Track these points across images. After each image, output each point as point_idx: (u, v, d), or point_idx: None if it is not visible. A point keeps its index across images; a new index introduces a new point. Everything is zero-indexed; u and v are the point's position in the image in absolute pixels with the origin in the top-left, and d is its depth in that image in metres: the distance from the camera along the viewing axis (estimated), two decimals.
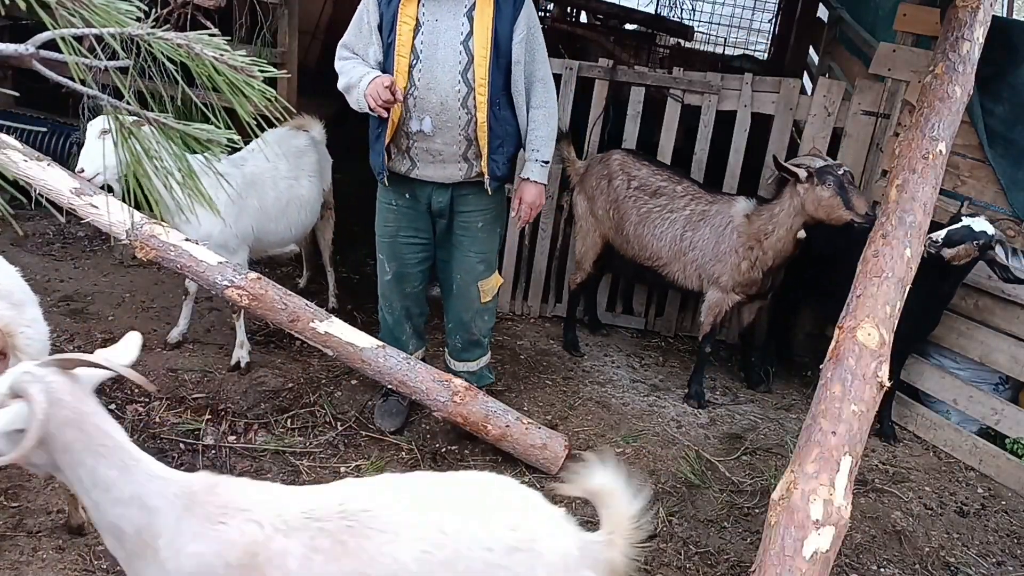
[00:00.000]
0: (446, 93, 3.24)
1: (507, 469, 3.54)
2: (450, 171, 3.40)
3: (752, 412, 4.27)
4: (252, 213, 3.96)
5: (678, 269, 4.19)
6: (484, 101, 3.25)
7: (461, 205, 3.51)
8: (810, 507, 2.27)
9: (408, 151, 3.38)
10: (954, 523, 3.60)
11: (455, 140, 3.33)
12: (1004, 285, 3.82)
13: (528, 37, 3.29)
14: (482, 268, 3.63)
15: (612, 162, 4.34)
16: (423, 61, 3.21)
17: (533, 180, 3.45)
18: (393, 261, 3.63)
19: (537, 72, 3.37)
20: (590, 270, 4.58)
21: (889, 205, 3.17)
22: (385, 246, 3.63)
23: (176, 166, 1.90)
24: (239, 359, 4.03)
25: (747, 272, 4.01)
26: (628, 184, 4.25)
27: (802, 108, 4.47)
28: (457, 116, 3.28)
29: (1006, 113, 3.76)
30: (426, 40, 3.20)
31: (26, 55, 1.65)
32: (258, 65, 1.76)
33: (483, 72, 3.21)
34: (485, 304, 3.71)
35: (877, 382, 2.63)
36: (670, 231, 4.15)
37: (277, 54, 4.78)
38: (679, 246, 4.14)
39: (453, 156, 3.37)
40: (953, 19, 3.58)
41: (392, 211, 3.56)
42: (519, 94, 3.35)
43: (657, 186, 4.20)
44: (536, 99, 3.40)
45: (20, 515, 2.98)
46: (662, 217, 4.17)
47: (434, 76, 3.22)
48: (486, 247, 3.62)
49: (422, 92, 3.24)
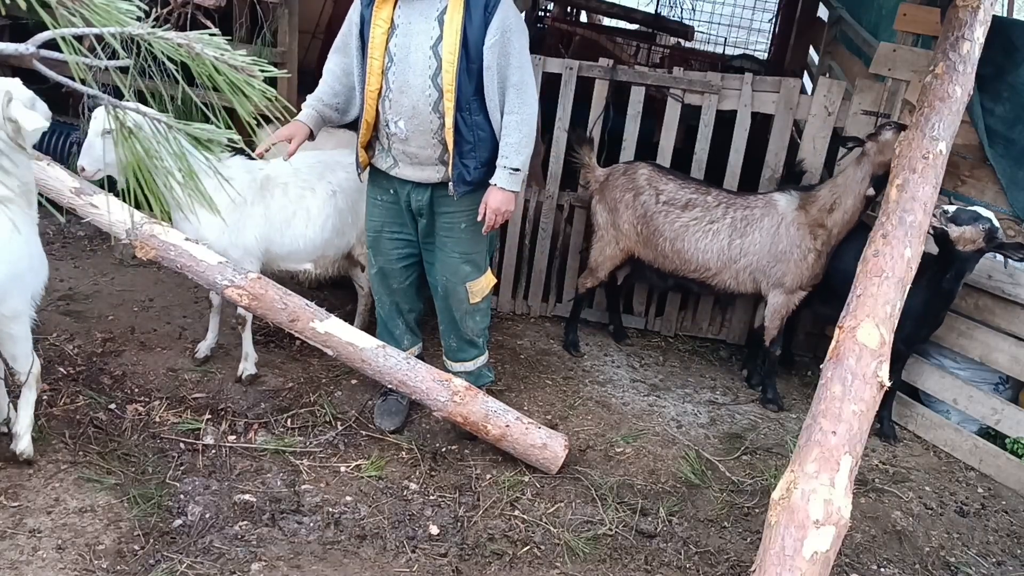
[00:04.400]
0: (417, 97, 3.25)
1: (507, 469, 3.55)
2: (428, 173, 3.42)
3: (752, 412, 4.27)
4: (256, 221, 3.79)
5: (729, 277, 4.21)
6: (451, 107, 3.23)
7: (443, 206, 3.48)
8: (810, 507, 2.27)
9: (390, 150, 3.42)
10: (954, 523, 3.60)
11: (429, 144, 3.34)
12: (1004, 285, 3.82)
13: (501, 41, 3.19)
14: (468, 269, 3.59)
15: (639, 176, 4.32)
16: (396, 64, 3.23)
17: (499, 187, 3.35)
18: (379, 256, 3.67)
19: (511, 77, 3.27)
20: (603, 278, 4.59)
21: (889, 205, 3.17)
22: (371, 240, 3.67)
23: (176, 166, 1.90)
24: (243, 371, 3.96)
25: (814, 264, 4.04)
26: (656, 199, 4.25)
27: (802, 108, 4.47)
28: (429, 120, 3.28)
29: (1006, 113, 3.76)
30: (399, 43, 3.22)
31: (27, 54, 1.65)
32: (258, 65, 1.76)
33: (450, 78, 3.19)
34: (475, 305, 3.67)
35: (877, 382, 2.63)
36: (715, 242, 4.16)
37: (277, 54, 4.78)
38: (728, 255, 4.15)
39: (429, 159, 3.38)
40: (953, 19, 3.58)
41: (377, 206, 3.59)
42: (491, 100, 3.28)
43: (687, 199, 4.21)
44: (508, 105, 3.30)
45: (20, 515, 2.98)
46: (703, 230, 4.18)
47: (406, 80, 3.24)
48: (470, 248, 3.56)
49: (395, 95, 3.27)
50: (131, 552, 2.91)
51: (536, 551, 3.14)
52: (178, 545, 2.96)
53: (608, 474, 3.61)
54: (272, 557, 2.96)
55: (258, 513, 3.15)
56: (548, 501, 3.41)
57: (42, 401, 3.54)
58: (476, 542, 3.15)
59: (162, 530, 3.02)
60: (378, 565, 3.00)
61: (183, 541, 2.98)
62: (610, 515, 3.35)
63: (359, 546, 3.07)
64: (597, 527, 3.30)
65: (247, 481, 3.32)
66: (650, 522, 3.36)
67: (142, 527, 3.01)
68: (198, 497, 3.19)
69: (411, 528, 3.18)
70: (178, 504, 3.15)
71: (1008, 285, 3.81)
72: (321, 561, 2.97)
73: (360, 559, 3.01)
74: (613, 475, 3.61)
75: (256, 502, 3.21)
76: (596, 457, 3.74)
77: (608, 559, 3.15)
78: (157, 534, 2.99)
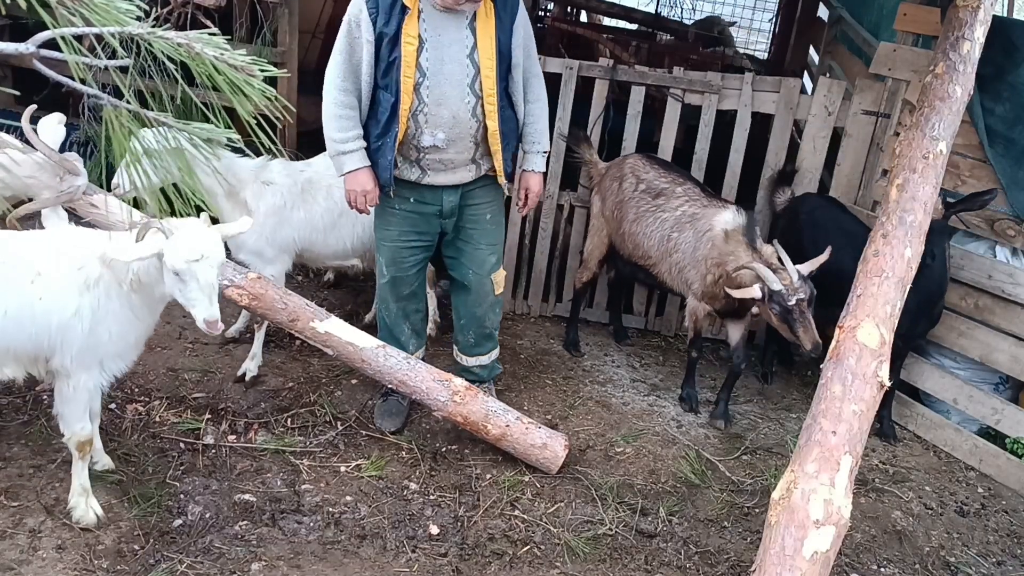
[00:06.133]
0: (457, 107, 3.27)
1: (507, 468, 3.55)
2: (460, 175, 3.45)
3: (752, 412, 4.27)
4: (296, 224, 3.85)
5: (665, 270, 4.15)
6: (493, 110, 3.30)
7: (469, 200, 3.54)
8: (810, 507, 2.27)
9: (418, 162, 3.40)
10: (954, 523, 3.60)
11: (465, 148, 3.38)
12: (1004, 285, 3.82)
13: (524, 37, 3.35)
14: (493, 260, 3.69)
15: (625, 165, 4.35)
16: (430, 78, 3.22)
17: (536, 171, 3.57)
18: (391, 265, 3.64)
19: (532, 68, 3.45)
20: (595, 269, 4.59)
21: (889, 205, 3.17)
22: (385, 250, 3.63)
23: (176, 165, 1.90)
24: (246, 371, 3.95)
25: (711, 286, 3.89)
26: (636, 187, 4.24)
27: (802, 108, 4.47)
28: (468, 126, 3.32)
29: (1006, 112, 3.76)
30: (431, 56, 3.21)
31: (26, 54, 1.65)
32: (258, 64, 1.76)
33: (491, 83, 3.26)
34: (498, 297, 3.80)
35: (877, 382, 2.63)
36: (659, 231, 4.11)
37: (277, 53, 4.79)
38: (666, 246, 4.09)
39: (463, 162, 3.42)
40: (953, 19, 3.57)
41: (395, 215, 3.55)
42: (517, 93, 3.41)
43: (661, 188, 4.18)
44: (532, 93, 3.47)
45: (20, 515, 2.98)
46: (654, 216, 4.14)
47: (443, 92, 3.24)
48: (495, 238, 3.69)
49: (432, 108, 3.26)
50: (131, 552, 2.91)
51: (536, 551, 3.14)
52: (178, 545, 2.96)
53: (608, 474, 3.61)
54: (272, 557, 2.95)
55: (258, 513, 3.15)
56: (548, 501, 3.41)
57: (42, 401, 3.55)
58: (476, 542, 3.15)
59: (162, 530, 3.02)
60: (378, 565, 2.99)
61: (183, 541, 2.98)
62: (610, 515, 3.35)
63: (359, 546, 3.07)
64: (597, 527, 3.30)
65: (247, 481, 3.32)
66: (650, 522, 3.36)
67: (142, 527, 3.01)
68: (198, 497, 3.19)
69: (411, 528, 3.18)
70: (178, 504, 3.15)
71: (1008, 285, 3.81)
72: (321, 561, 2.97)
73: (360, 559, 3.01)
74: (613, 475, 3.61)
75: (256, 502, 3.21)
76: (596, 457, 3.73)
77: (608, 559, 3.15)
78: (157, 534, 2.99)
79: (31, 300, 2.67)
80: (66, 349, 2.75)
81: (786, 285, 3.47)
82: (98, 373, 2.86)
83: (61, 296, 2.70)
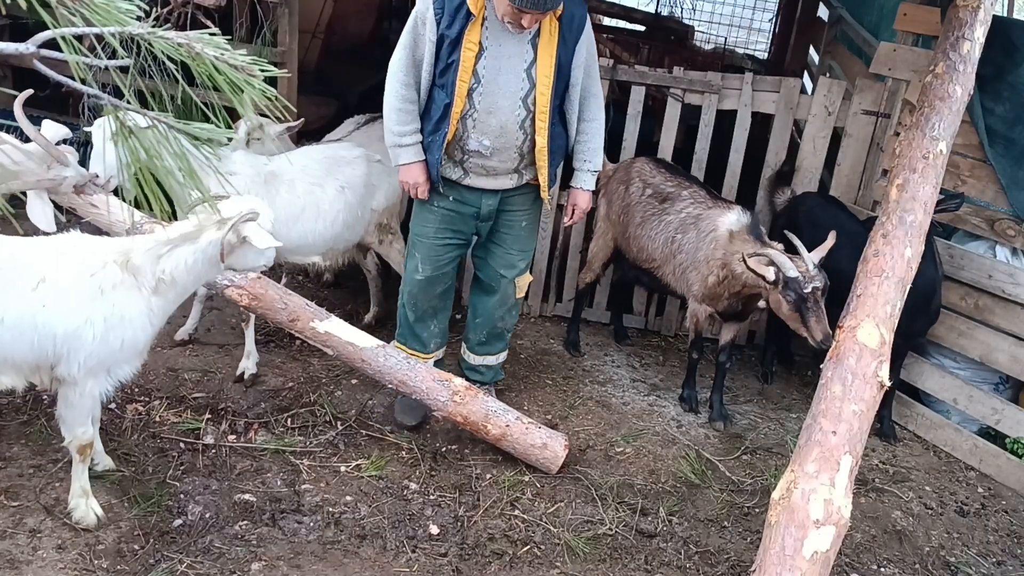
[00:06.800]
0: (506, 117, 3.29)
1: (507, 468, 3.55)
2: (501, 182, 3.48)
3: (752, 412, 4.27)
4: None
5: (669, 272, 4.13)
6: (544, 127, 3.33)
7: (507, 205, 3.58)
8: (810, 506, 2.27)
9: (462, 163, 3.43)
10: (954, 523, 3.60)
11: (510, 158, 3.41)
12: (1004, 285, 3.82)
13: (587, 60, 3.36)
14: (522, 265, 3.74)
15: (632, 168, 4.35)
16: (484, 85, 3.25)
17: (587, 189, 3.62)
18: (427, 263, 3.63)
19: (592, 88, 3.46)
20: (599, 271, 4.60)
21: (889, 205, 3.17)
22: (423, 247, 3.63)
23: (177, 165, 1.90)
24: (244, 370, 3.94)
25: (714, 287, 3.87)
26: (643, 191, 4.24)
27: (802, 108, 4.47)
28: (515, 138, 3.35)
29: (1006, 112, 3.76)
30: (488, 65, 3.23)
31: (27, 54, 1.65)
32: (258, 64, 1.76)
33: (544, 100, 3.28)
34: (519, 300, 3.85)
35: (877, 382, 2.63)
36: (663, 233, 4.11)
37: (277, 53, 4.78)
38: (670, 248, 4.08)
39: (506, 171, 3.45)
40: (953, 19, 3.58)
41: (433, 212, 3.56)
42: (571, 112, 3.44)
43: (667, 192, 4.18)
44: (589, 112, 3.50)
45: (20, 515, 2.98)
46: (660, 219, 4.14)
47: (495, 101, 3.26)
48: (527, 244, 3.75)
49: (482, 115, 3.29)
50: (131, 552, 2.90)
51: (536, 551, 3.14)
52: (178, 545, 2.96)
53: (608, 474, 3.61)
54: (272, 557, 2.95)
55: (258, 513, 3.15)
56: (548, 501, 3.41)
57: (42, 401, 3.55)
58: (476, 542, 3.15)
59: (162, 530, 3.02)
60: (378, 565, 2.99)
61: (183, 541, 2.98)
62: (610, 515, 3.35)
63: (359, 546, 3.07)
64: (597, 527, 3.30)
65: (247, 481, 3.32)
66: (650, 522, 3.36)
67: (142, 527, 3.01)
68: (198, 497, 3.19)
69: (411, 528, 3.18)
70: (178, 504, 3.15)
71: (1008, 285, 3.81)
72: (321, 561, 2.97)
73: (360, 559, 3.01)
74: (613, 475, 3.61)
75: (256, 502, 3.21)
76: (596, 457, 3.74)
77: (608, 559, 3.15)
78: (157, 534, 2.99)
79: (33, 307, 2.65)
80: (74, 357, 2.73)
81: (802, 272, 3.44)
82: (105, 380, 2.85)
83: (69, 303, 2.68)
